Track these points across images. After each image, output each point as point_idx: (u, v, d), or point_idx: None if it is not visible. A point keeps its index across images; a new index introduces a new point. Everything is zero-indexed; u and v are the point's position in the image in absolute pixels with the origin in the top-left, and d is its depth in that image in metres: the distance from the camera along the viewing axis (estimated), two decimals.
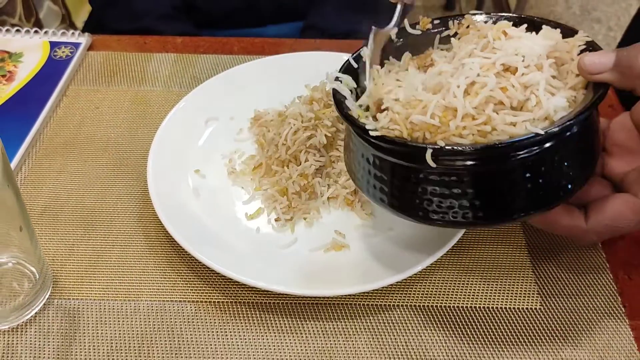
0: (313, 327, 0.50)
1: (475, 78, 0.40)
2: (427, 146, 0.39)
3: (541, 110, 0.39)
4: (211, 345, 0.48)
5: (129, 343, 0.48)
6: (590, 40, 0.44)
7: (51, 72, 0.72)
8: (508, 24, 0.46)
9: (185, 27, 0.94)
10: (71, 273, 0.53)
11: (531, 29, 0.46)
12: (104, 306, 0.51)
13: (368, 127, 0.42)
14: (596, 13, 2.18)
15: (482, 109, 0.39)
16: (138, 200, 0.59)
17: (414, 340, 0.49)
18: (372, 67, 0.48)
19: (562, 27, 0.46)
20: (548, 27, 0.46)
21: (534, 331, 0.49)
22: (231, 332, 0.49)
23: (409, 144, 0.40)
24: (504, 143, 0.38)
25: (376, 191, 0.45)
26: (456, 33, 0.49)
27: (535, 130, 0.38)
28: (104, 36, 0.79)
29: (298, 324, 0.50)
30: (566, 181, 0.42)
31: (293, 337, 0.49)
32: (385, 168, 0.43)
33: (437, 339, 0.49)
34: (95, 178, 0.61)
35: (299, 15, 1.00)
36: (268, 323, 0.50)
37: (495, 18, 0.48)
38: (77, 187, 0.60)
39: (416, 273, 0.50)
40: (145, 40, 0.79)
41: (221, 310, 0.51)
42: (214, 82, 0.68)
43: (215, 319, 0.50)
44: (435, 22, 0.51)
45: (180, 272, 0.53)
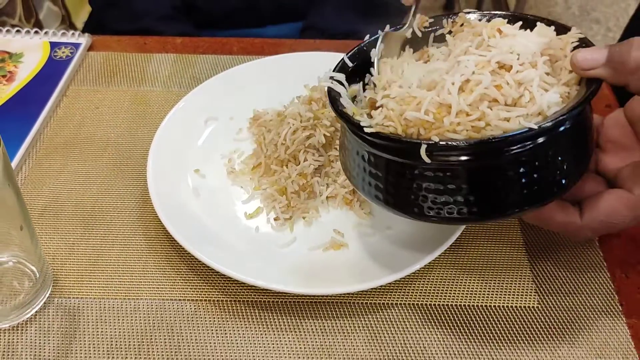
0: (312, 326, 0.50)
1: (470, 76, 0.41)
2: (422, 142, 0.39)
3: (535, 105, 0.39)
4: (211, 343, 0.49)
5: (129, 341, 0.49)
6: (583, 36, 0.44)
7: (51, 73, 0.72)
8: (502, 22, 0.46)
9: (185, 28, 0.94)
10: (71, 272, 0.53)
11: (525, 27, 0.46)
12: (104, 305, 0.51)
13: (362, 124, 0.42)
14: (595, 14, 2.17)
15: (477, 106, 0.40)
16: (138, 199, 0.59)
17: (412, 338, 0.49)
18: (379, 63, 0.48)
19: (556, 25, 0.46)
20: (542, 25, 0.46)
21: (532, 329, 0.49)
22: (230, 331, 0.49)
23: (404, 140, 0.41)
24: (498, 138, 0.38)
25: (371, 188, 0.45)
26: (450, 31, 0.50)
27: (528, 125, 0.38)
28: (104, 37, 0.79)
29: (297, 323, 0.50)
30: (560, 177, 0.42)
31: (292, 335, 0.49)
32: (380, 165, 0.43)
33: (435, 337, 0.49)
34: (95, 177, 0.62)
35: (299, 15, 1.00)
36: (267, 321, 0.50)
37: (489, 16, 0.48)
38: (77, 187, 0.61)
39: (414, 271, 0.50)
40: (145, 40, 0.79)
41: (221, 308, 0.51)
42: (214, 82, 0.68)
43: (214, 318, 0.50)
44: (429, 21, 0.51)
45: (179, 271, 0.53)
